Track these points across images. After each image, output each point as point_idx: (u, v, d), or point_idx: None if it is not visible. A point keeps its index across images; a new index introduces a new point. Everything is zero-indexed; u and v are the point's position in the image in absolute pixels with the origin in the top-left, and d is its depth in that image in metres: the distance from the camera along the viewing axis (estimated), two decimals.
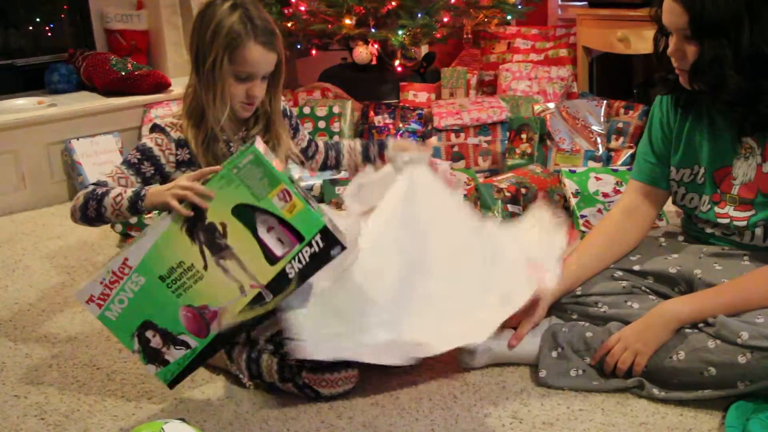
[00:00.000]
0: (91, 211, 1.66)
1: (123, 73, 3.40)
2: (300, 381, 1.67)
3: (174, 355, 1.62)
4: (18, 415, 1.71)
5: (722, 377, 1.53)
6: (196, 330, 1.61)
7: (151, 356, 1.63)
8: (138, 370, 1.86)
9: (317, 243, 1.54)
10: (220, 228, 1.55)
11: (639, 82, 3.75)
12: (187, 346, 1.62)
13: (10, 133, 3.09)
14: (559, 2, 3.97)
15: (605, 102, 3.16)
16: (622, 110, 3.14)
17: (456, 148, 3.20)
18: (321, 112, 3.25)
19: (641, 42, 3.12)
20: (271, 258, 1.55)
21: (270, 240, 1.54)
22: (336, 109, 3.27)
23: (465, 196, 1.96)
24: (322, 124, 3.24)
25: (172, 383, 1.66)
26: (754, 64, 1.56)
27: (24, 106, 3.26)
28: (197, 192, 1.54)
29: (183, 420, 1.48)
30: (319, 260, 1.55)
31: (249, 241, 1.55)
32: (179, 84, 3.58)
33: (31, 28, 3.67)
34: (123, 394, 1.77)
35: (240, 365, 1.75)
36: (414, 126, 3.31)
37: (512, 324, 1.76)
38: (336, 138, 2.89)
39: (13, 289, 2.38)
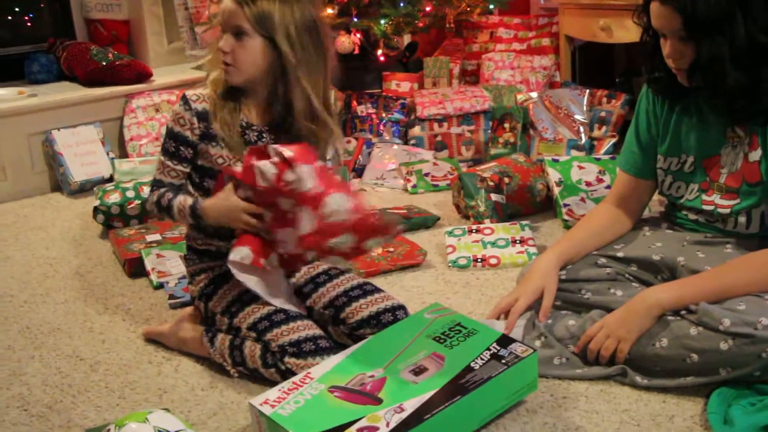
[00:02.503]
0: (167, 219, 1.79)
1: (104, 63, 3.37)
2: (283, 367, 1.67)
3: None
4: (0, 407, 1.70)
5: (704, 364, 1.54)
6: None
7: None
8: (122, 361, 1.86)
9: None
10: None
11: (621, 71, 3.76)
12: None
13: None
14: None
15: (588, 91, 3.18)
16: (604, 99, 3.16)
17: (439, 138, 3.21)
18: None
19: (623, 31, 3.13)
20: None
21: None
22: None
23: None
24: None
25: None
26: (752, 55, 1.57)
27: (4, 96, 3.24)
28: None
29: (167, 410, 1.48)
30: None
31: None
32: (160, 74, 3.57)
33: (10, 17, 3.65)
34: (107, 384, 1.77)
35: (223, 353, 1.76)
36: (397, 115, 3.31)
37: (496, 314, 1.76)
38: None
39: None
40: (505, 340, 1.59)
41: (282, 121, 1.78)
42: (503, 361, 1.54)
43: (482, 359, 1.54)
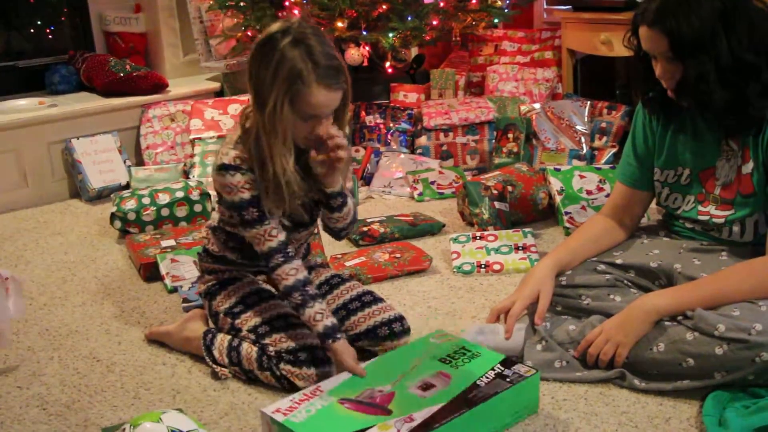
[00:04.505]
0: (292, 304, 1.70)
1: (122, 74, 3.41)
2: (278, 372, 1.70)
3: None
4: (20, 406, 1.73)
5: (700, 368, 1.56)
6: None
7: None
8: (137, 362, 1.89)
9: None
10: None
11: (621, 84, 3.78)
12: None
13: (12, 133, 3.12)
14: (545, 6, 3.99)
15: (589, 102, 3.20)
16: (605, 110, 3.18)
17: (445, 147, 3.23)
18: None
19: (623, 45, 3.17)
20: None
21: None
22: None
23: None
24: None
25: None
26: (737, 71, 1.60)
27: (25, 106, 3.29)
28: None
29: (180, 410, 1.50)
30: None
31: None
32: (176, 85, 3.61)
33: (32, 30, 3.68)
34: (122, 385, 1.80)
35: (221, 352, 1.78)
36: (404, 125, 3.35)
37: (493, 317, 1.80)
38: None
39: None
40: (508, 362, 1.63)
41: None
42: (507, 379, 1.57)
43: (487, 378, 1.58)
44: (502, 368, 1.61)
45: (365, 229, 2.55)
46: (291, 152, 1.64)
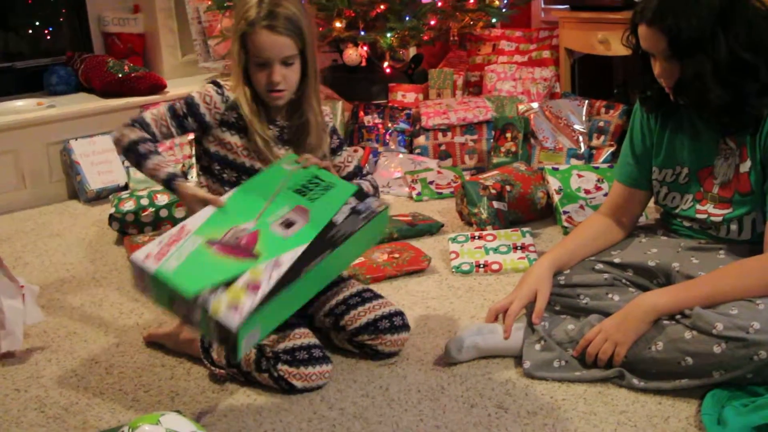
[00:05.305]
0: (131, 159, 1.75)
1: (120, 75, 3.42)
2: (276, 373, 1.71)
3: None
4: (19, 408, 1.73)
5: (698, 367, 1.57)
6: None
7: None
8: (135, 364, 1.90)
9: None
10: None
11: (619, 83, 3.79)
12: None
13: (10, 134, 3.13)
14: (542, 5, 4.00)
15: (587, 102, 3.21)
16: (603, 110, 3.19)
17: (443, 147, 3.24)
18: None
19: (621, 44, 3.17)
20: None
21: None
22: (327, 110, 3.31)
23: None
24: None
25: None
26: (735, 71, 1.61)
27: (24, 107, 3.29)
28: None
29: (179, 412, 1.50)
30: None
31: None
32: (174, 85, 3.61)
33: (30, 31, 3.69)
34: (121, 387, 1.80)
35: (219, 354, 1.78)
36: (402, 125, 3.35)
37: (491, 316, 1.80)
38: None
39: None
40: (361, 194, 1.68)
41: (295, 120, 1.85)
42: (362, 216, 1.63)
43: (343, 213, 1.63)
44: (356, 201, 1.66)
45: None
46: (246, 94, 1.78)
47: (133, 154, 1.73)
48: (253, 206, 1.63)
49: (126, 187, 3.20)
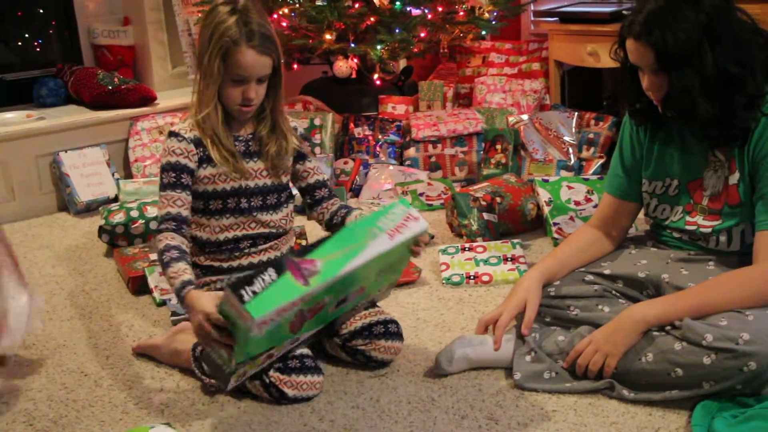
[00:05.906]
0: (161, 265, 1.74)
1: (110, 87, 3.41)
2: (267, 380, 1.71)
3: None
4: (7, 422, 1.72)
5: (688, 378, 1.57)
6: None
7: None
8: (125, 377, 1.89)
9: None
10: None
11: (608, 95, 3.82)
12: None
13: None
14: (532, 18, 4.02)
15: (576, 114, 3.23)
16: (592, 121, 3.21)
17: (433, 159, 3.25)
18: (302, 124, 3.29)
19: (609, 57, 3.20)
20: None
21: None
22: (317, 122, 3.32)
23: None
24: None
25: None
26: (722, 84, 1.62)
27: (13, 119, 3.27)
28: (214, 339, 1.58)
29: (168, 424, 1.52)
30: None
31: None
32: (164, 97, 3.60)
33: (20, 43, 3.67)
34: (110, 399, 1.79)
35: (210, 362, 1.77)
36: (392, 137, 3.36)
37: (481, 328, 1.80)
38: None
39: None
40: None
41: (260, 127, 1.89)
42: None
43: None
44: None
45: None
46: (217, 110, 1.81)
47: (160, 263, 1.74)
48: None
49: (116, 199, 3.18)
